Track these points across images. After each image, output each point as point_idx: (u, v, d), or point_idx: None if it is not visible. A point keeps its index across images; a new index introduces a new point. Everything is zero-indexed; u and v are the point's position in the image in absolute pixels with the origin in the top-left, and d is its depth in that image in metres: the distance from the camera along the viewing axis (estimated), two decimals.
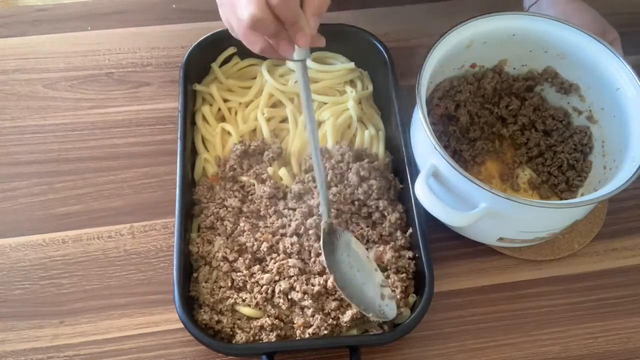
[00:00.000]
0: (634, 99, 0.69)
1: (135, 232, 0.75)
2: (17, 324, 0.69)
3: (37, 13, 0.93)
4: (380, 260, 0.69)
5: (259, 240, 0.70)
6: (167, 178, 0.78)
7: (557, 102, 0.80)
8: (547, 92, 0.80)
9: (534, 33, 0.74)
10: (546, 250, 0.76)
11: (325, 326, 0.65)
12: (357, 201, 0.74)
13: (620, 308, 0.73)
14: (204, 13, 0.93)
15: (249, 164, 0.77)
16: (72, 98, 0.85)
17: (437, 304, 0.70)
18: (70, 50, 0.89)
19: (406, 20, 0.94)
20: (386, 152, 0.79)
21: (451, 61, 0.75)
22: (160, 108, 0.85)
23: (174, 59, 0.89)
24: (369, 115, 0.82)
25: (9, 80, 0.86)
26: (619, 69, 0.70)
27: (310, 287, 0.67)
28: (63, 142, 0.81)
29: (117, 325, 0.69)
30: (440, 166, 0.67)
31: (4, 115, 0.83)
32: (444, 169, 0.67)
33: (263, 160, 0.77)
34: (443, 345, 0.70)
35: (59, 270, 0.72)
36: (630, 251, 0.77)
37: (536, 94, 0.81)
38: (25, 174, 0.79)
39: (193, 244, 0.71)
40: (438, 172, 0.67)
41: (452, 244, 0.75)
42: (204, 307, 0.67)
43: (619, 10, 0.95)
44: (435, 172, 0.67)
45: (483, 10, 0.73)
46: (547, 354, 0.70)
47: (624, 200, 0.80)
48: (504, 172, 0.80)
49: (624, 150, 0.69)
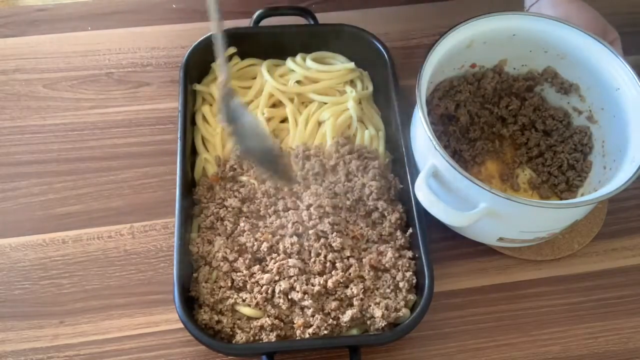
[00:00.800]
0: (634, 99, 0.69)
1: (135, 232, 0.75)
2: (17, 324, 0.69)
3: (37, 13, 0.93)
4: (378, 262, 0.70)
5: (259, 240, 0.70)
6: (167, 178, 0.78)
7: (557, 102, 0.80)
8: (547, 92, 0.80)
9: (534, 33, 0.74)
10: (546, 250, 0.76)
11: (325, 326, 0.65)
12: (359, 201, 0.74)
13: (620, 308, 0.73)
14: (204, 13, 0.92)
15: (249, 164, 0.77)
16: (72, 98, 0.85)
17: (437, 304, 0.70)
18: (70, 50, 0.89)
19: (406, 20, 0.94)
20: (386, 152, 0.79)
21: (451, 61, 0.75)
22: (160, 108, 0.85)
23: (174, 59, 0.89)
24: (369, 115, 0.82)
25: (9, 80, 0.86)
26: (619, 69, 0.70)
27: (310, 287, 0.67)
28: (63, 142, 0.81)
29: (117, 325, 0.69)
30: (440, 166, 0.67)
31: (4, 115, 0.83)
32: (444, 169, 0.66)
33: None
34: (443, 345, 0.70)
35: (59, 270, 0.72)
36: (630, 251, 0.77)
37: (536, 94, 0.81)
38: (25, 174, 0.79)
39: (193, 244, 0.71)
40: (438, 172, 0.67)
41: (452, 244, 0.75)
42: (204, 307, 0.67)
43: (619, 10, 0.95)
44: (435, 172, 0.67)
45: (483, 10, 0.73)
46: (547, 354, 0.70)
47: (624, 200, 0.80)
48: (504, 172, 0.80)
49: (624, 150, 0.69)
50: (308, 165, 0.76)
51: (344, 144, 0.78)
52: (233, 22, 0.88)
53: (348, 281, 0.68)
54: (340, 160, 0.76)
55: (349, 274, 0.69)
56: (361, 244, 0.71)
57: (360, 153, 0.77)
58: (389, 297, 0.68)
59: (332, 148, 0.77)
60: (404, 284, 0.68)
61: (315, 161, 0.76)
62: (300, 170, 0.76)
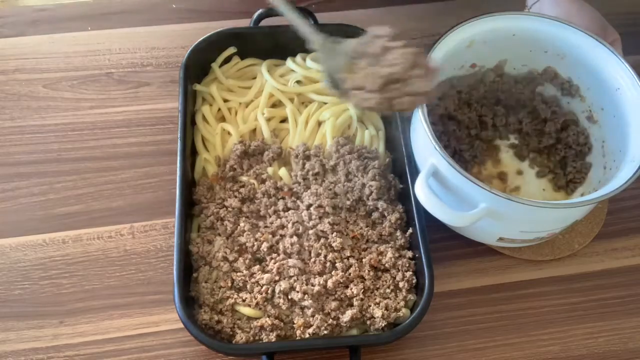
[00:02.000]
0: (634, 99, 0.69)
1: (135, 232, 0.75)
2: (17, 324, 0.69)
3: (36, 13, 0.93)
4: (378, 262, 0.70)
5: (259, 240, 0.70)
6: (167, 178, 0.78)
7: (557, 102, 0.80)
8: (547, 92, 0.80)
9: (534, 33, 0.74)
10: (546, 250, 0.76)
11: (325, 326, 0.65)
12: (359, 201, 0.74)
13: (620, 308, 0.73)
14: (204, 13, 0.93)
15: (249, 164, 0.77)
16: (72, 98, 0.85)
17: (437, 304, 0.70)
18: (70, 50, 0.89)
19: (406, 20, 0.94)
20: (386, 152, 0.79)
21: (451, 61, 0.75)
22: (160, 108, 0.85)
23: (174, 59, 0.89)
24: (369, 115, 0.82)
25: (9, 80, 0.86)
26: (619, 69, 0.70)
27: (310, 287, 0.67)
28: (63, 142, 0.81)
29: (117, 325, 0.69)
30: (440, 166, 0.67)
31: (4, 115, 0.83)
32: (444, 169, 0.66)
33: (263, 160, 0.77)
34: (443, 345, 0.70)
35: (59, 270, 0.72)
36: (630, 251, 0.77)
37: (536, 94, 0.81)
38: (25, 174, 0.79)
39: (193, 244, 0.71)
40: (438, 172, 0.67)
41: (452, 244, 0.75)
42: (204, 307, 0.67)
43: (619, 10, 0.95)
44: (435, 172, 0.67)
45: (483, 10, 0.73)
46: (547, 354, 0.70)
47: (624, 200, 0.80)
48: (504, 171, 0.80)
49: (624, 150, 0.69)
50: (308, 165, 0.76)
51: (344, 144, 0.77)
52: (233, 22, 0.88)
53: (348, 281, 0.68)
54: (340, 160, 0.76)
55: (349, 274, 0.69)
56: (361, 244, 0.72)
57: (360, 153, 0.77)
58: (389, 297, 0.68)
59: (332, 148, 0.77)
60: (404, 284, 0.68)
61: (315, 161, 0.76)
62: (301, 170, 0.76)
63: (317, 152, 0.77)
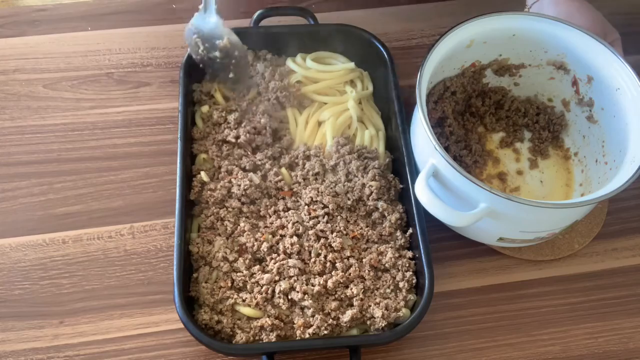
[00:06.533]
0: (634, 99, 0.69)
1: (135, 232, 0.75)
2: (17, 324, 0.69)
3: (36, 13, 0.93)
4: (378, 262, 0.70)
5: (259, 241, 0.70)
6: (167, 178, 0.78)
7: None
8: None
9: (534, 33, 0.74)
10: (546, 250, 0.76)
11: (325, 326, 0.65)
12: (359, 201, 0.74)
13: (620, 308, 0.73)
14: None
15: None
16: (72, 98, 0.85)
17: (437, 304, 0.70)
18: (70, 50, 0.89)
19: (406, 20, 0.94)
20: (386, 152, 0.79)
21: (451, 61, 0.75)
22: (160, 108, 0.85)
23: (174, 59, 0.89)
24: (369, 115, 0.82)
25: (9, 80, 0.86)
26: (619, 69, 0.70)
27: (310, 287, 0.67)
28: (63, 142, 0.81)
29: (117, 325, 0.69)
30: (440, 166, 0.67)
31: (4, 115, 0.83)
32: (444, 169, 0.67)
33: (263, 160, 0.77)
34: (443, 345, 0.70)
35: (59, 270, 0.72)
36: (630, 251, 0.77)
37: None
38: (25, 174, 0.79)
39: (193, 244, 0.71)
40: (438, 172, 0.67)
41: (452, 244, 0.75)
42: (204, 307, 0.67)
43: (619, 10, 0.95)
44: (435, 172, 0.67)
45: (483, 10, 0.73)
46: (547, 354, 0.70)
47: (624, 200, 0.80)
48: (504, 171, 0.80)
49: (624, 150, 0.69)
50: (308, 165, 0.76)
51: (344, 144, 0.78)
52: (233, 22, 0.88)
53: (348, 281, 0.68)
54: (340, 160, 0.76)
55: (349, 274, 0.69)
56: (361, 244, 0.72)
57: (360, 153, 0.77)
58: (389, 297, 0.68)
59: (332, 148, 0.77)
60: (404, 284, 0.68)
61: (315, 161, 0.76)
62: (301, 170, 0.76)
63: (317, 152, 0.77)
